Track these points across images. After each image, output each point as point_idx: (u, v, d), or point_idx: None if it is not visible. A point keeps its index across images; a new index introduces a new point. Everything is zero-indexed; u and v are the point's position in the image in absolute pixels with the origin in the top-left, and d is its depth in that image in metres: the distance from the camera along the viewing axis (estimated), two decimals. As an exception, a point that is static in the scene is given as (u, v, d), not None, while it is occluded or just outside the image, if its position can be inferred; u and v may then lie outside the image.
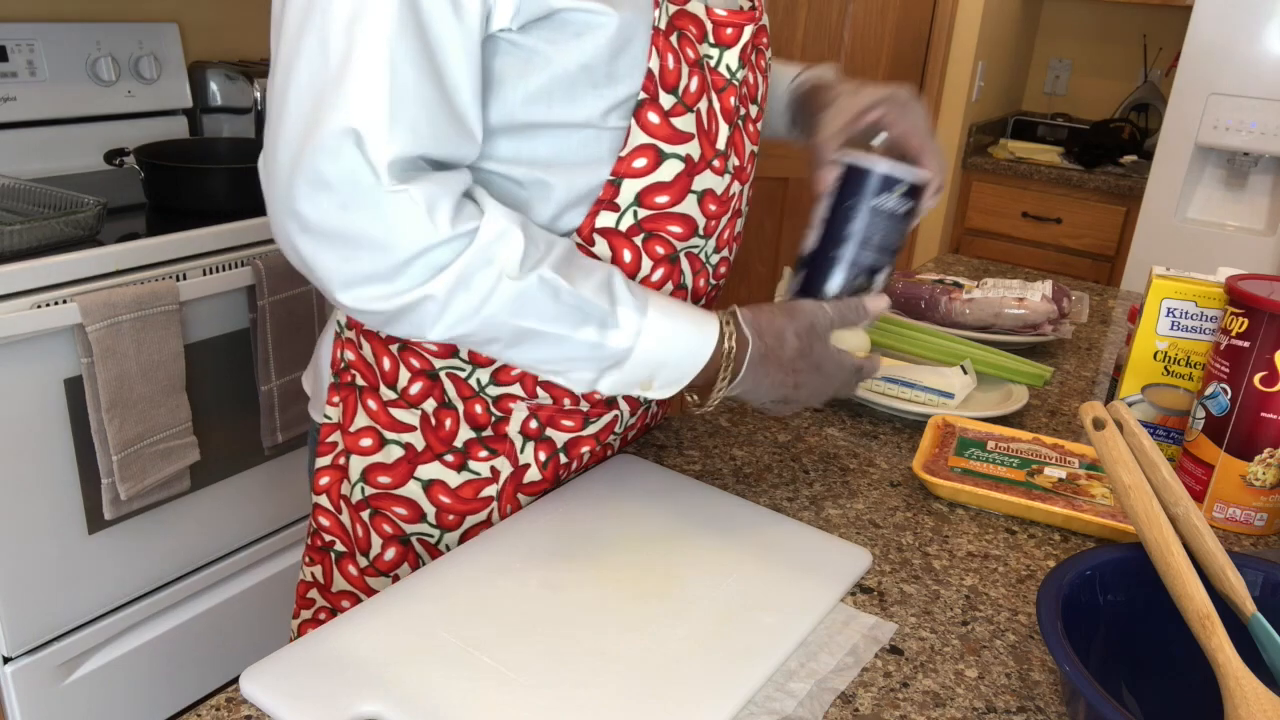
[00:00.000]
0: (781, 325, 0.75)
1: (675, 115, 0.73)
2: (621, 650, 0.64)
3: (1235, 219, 2.42)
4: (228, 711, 0.59)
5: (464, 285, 0.65)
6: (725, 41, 0.77)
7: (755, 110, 0.84)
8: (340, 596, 0.88)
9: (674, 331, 0.71)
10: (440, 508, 0.82)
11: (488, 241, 0.65)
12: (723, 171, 0.79)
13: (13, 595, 1.42)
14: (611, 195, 0.74)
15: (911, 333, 1.19)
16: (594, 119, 0.71)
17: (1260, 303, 0.81)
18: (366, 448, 0.83)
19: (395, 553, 0.84)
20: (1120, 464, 0.66)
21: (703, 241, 0.81)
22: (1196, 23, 2.27)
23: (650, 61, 0.70)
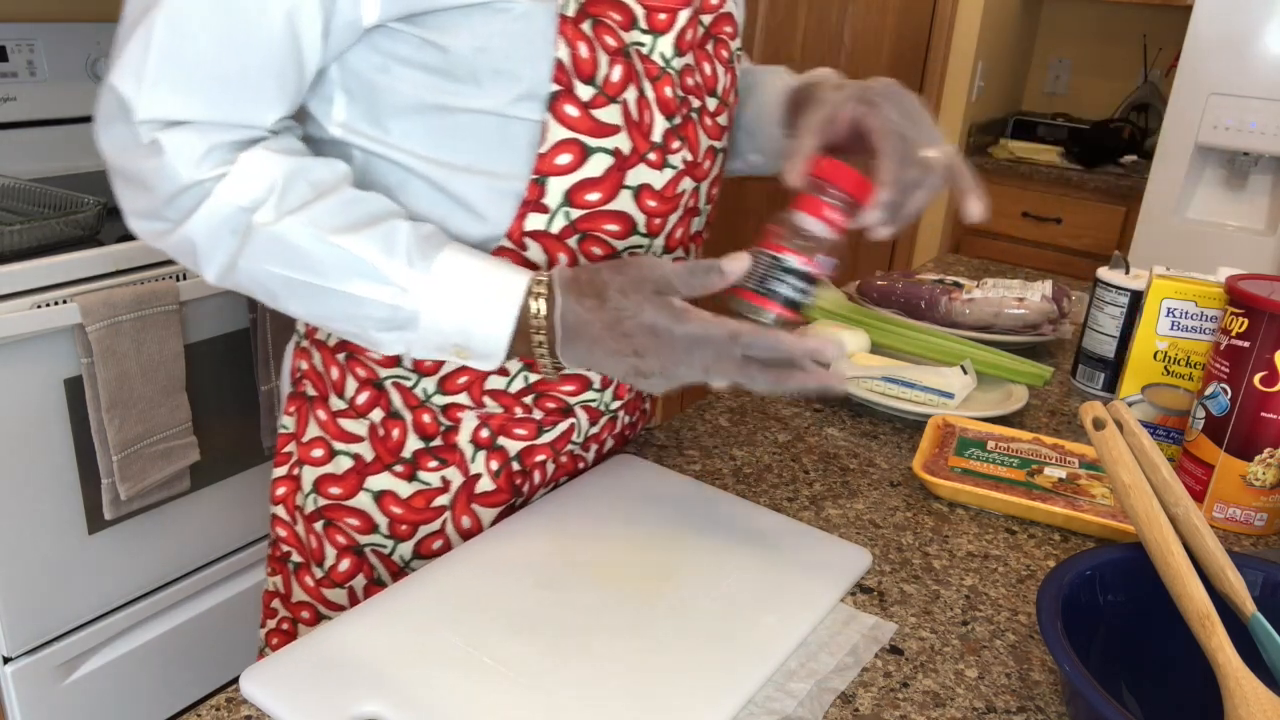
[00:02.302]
0: (604, 282, 0.66)
1: (597, 107, 0.70)
2: (621, 650, 0.64)
3: (1235, 219, 2.42)
4: (228, 711, 0.59)
5: (219, 228, 0.66)
6: (658, 28, 0.73)
7: (715, 103, 0.80)
8: (299, 607, 0.87)
9: (465, 291, 0.67)
10: (392, 518, 0.81)
11: (235, 185, 0.65)
12: (661, 165, 0.75)
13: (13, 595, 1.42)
14: (537, 195, 0.71)
15: (911, 333, 1.19)
16: (500, 107, 0.68)
17: (1260, 303, 0.81)
18: (318, 458, 0.82)
19: (350, 564, 0.83)
20: (1120, 464, 0.66)
21: (647, 240, 0.77)
22: (1196, 23, 2.27)
23: (558, 51, 0.67)
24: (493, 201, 0.71)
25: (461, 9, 0.65)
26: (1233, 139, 2.30)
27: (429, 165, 0.71)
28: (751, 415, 1.05)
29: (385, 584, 0.83)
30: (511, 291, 0.67)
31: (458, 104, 0.68)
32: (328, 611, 0.85)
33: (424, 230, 0.68)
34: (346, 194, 0.68)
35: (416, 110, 0.69)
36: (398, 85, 0.69)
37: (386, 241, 0.66)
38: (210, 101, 0.65)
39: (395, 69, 0.68)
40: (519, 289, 0.67)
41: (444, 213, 0.72)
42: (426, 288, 0.67)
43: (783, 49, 2.74)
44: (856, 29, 2.72)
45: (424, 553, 0.82)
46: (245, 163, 0.66)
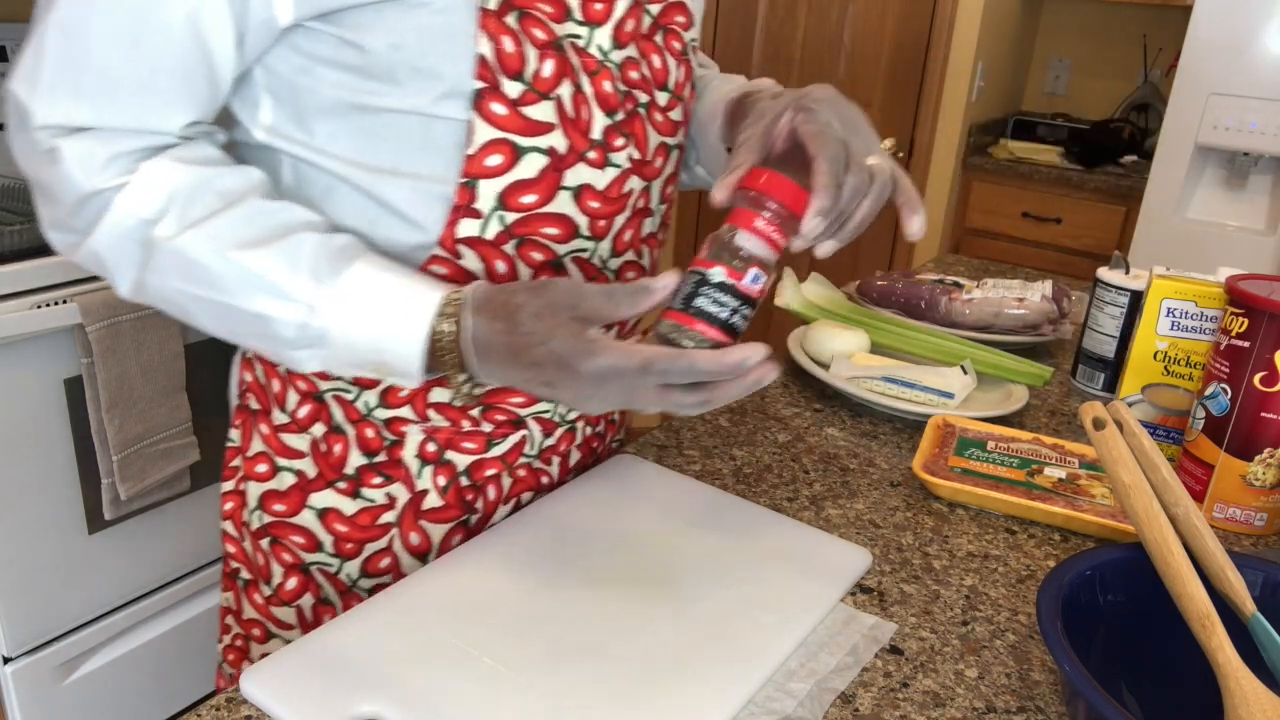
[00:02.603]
0: (518, 304, 0.61)
1: (527, 104, 0.67)
2: (621, 650, 0.64)
3: (1235, 219, 2.42)
4: (228, 711, 0.59)
5: (123, 241, 0.64)
6: (594, 19, 0.70)
7: (666, 98, 0.77)
8: (250, 624, 0.85)
9: (373, 308, 0.63)
10: (337, 536, 0.79)
11: (135, 196, 0.63)
12: (603, 164, 0.72)
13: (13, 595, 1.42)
14: (468, 200, 0.68)
15: (911, 333, 1.19)
16: (422, 106, 0.65)
17: (1260, 303, 0.81)
18: (262, 474, 0.80)
19: (296, 582, 0.81)
20: (1120, 464, 0.66)
21: (591, 244, 0.74)
22: (1196, 23, 2.27)
23: (479, 46, 0.64)
24: (422, 206, 0.69)
25: (375, 5, 0.63)
26: (1233, 139, 2.30)
27: (354, 169, 0.69)
28: (751, 415, 1.05)
29: (333, 604, 0.81)
30: (421, 310, 0.63)
31: (379, 104, 0.66)
32: (277, 630, 0.84)
33: (336, 243, 0.65)
34: (254, 205, 0.65)
35: (339, 111, 0.67)
36: (319, 87, 0.67)
37: (292, 256, 0.63)
38: (106, 106, 0.62)
39: (316, 70, 0.66)
40: (428, 308, 0.63)
41: (374, 220, 0.70)
42: (333, 305, 0.63)
43: (783, 49, 2.74)
44: (856, 29, 2.72)
45: (371, 571, 0.80)
46: (146, 172, 0.64)
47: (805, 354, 1.15)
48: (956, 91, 2.81)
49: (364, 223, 0.70)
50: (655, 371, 0.58)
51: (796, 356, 1.13)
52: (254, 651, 0.86)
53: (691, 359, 0.58)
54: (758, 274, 0.63)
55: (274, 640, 0.84)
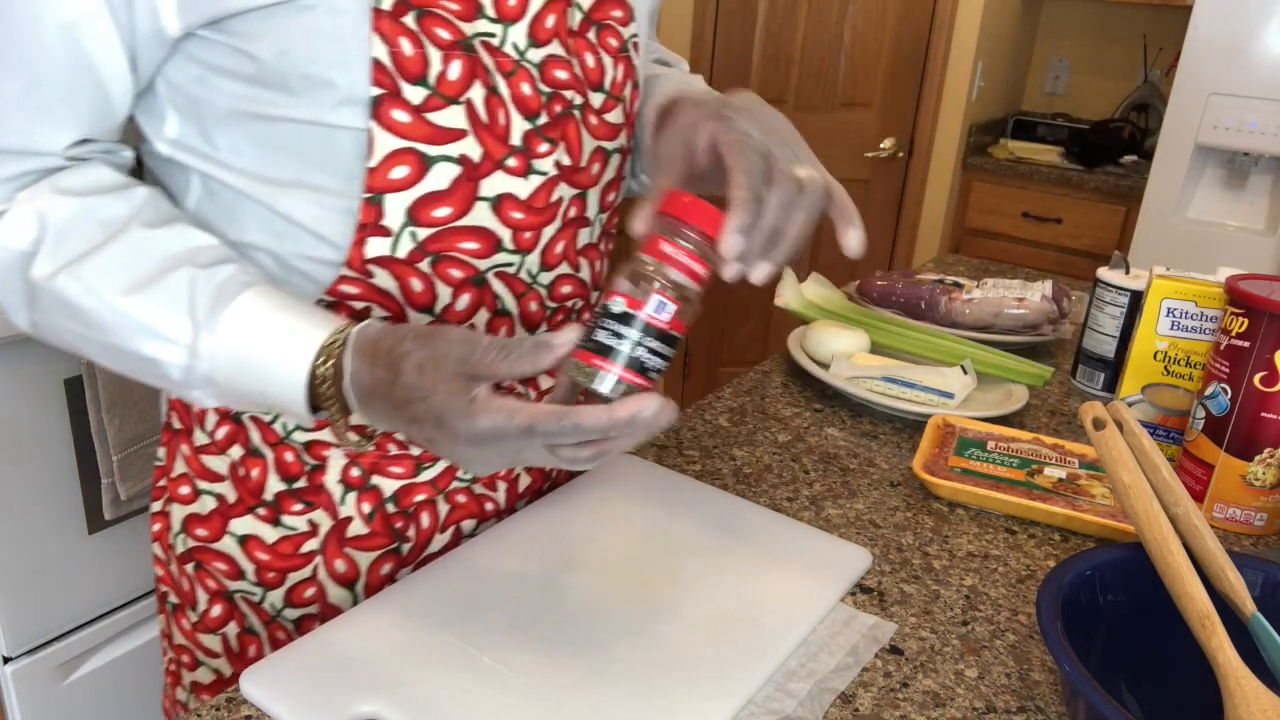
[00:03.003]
0: (403, 353, 0.55)
1: (433, 110, 0.62)
2: (621, 650, 0.64)
3: (1235, 219, 2.42)
4: (228, 711, 0.59)
5: (6, 275, 0.61)
6: (508, 15, 0.65)
7: (602, 98, 0.72)
8: (181, 650, 0.82)
9: (249, 351, 0.59)
10: (259, 564, 0.75)
11: (9, 228, 0.60)
12: (524, 172, 0.67)
13: (13, 595, 1.42)
14: (375, 217, 0.64)
15: (911, 333, 1.19)
16: (319, 115, 0.62)
17: (1260, 303, 0.81)
18: (184, 496, 0.77)
19: (221, 610, 0.78)
20: (1120, 464, 0.66)
21: (517, 258, 0.70)
22: (1196, 23, 2.27)
23: (374, 49, 0.60)
24: (328, 222, 0.65)
25: (262, 10, 0.59)
26: (1233, 139, 2.30)
27: (258, 184, 0.65)
28: (751, 415, 1.05)
29: (258, 635, 0.78)
30: (301, 351, 0.59)
31: (276, 114, 0.62)
32: (204, 658, 0.81)
33: (218, 278, 0.61)
34: (135, 237, 0.61)
35: (239, 123, 0.64)
36: (217, 98, 0.63)
37: (171, 297, 0.60)
38: None
39: (213, 80, 0.63)
40: (308, 349, 0.58)
41: (281, 235, 0.66)
42: (213, 348, 0.59)
43: (783, 49, 2.74)
44: (856, 29, 2.72)
45: (296, 601, 0.76)
46: (22, 204, 0.60)
47: (805, 354, 1.15)
48: (956, 91, 2.81)
49: (271, 238, 0.67)
50: (539, 434, 0.52)
51: (796, 356, 1.13)
52: (185, 679, 0.83)
53: (577, 420, 0.52)
54: (663, 303, 0.55)
55: (201, 668, 0.81)
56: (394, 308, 0.68)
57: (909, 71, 2.79)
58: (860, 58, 2.75)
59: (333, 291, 0.67)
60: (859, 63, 2.75)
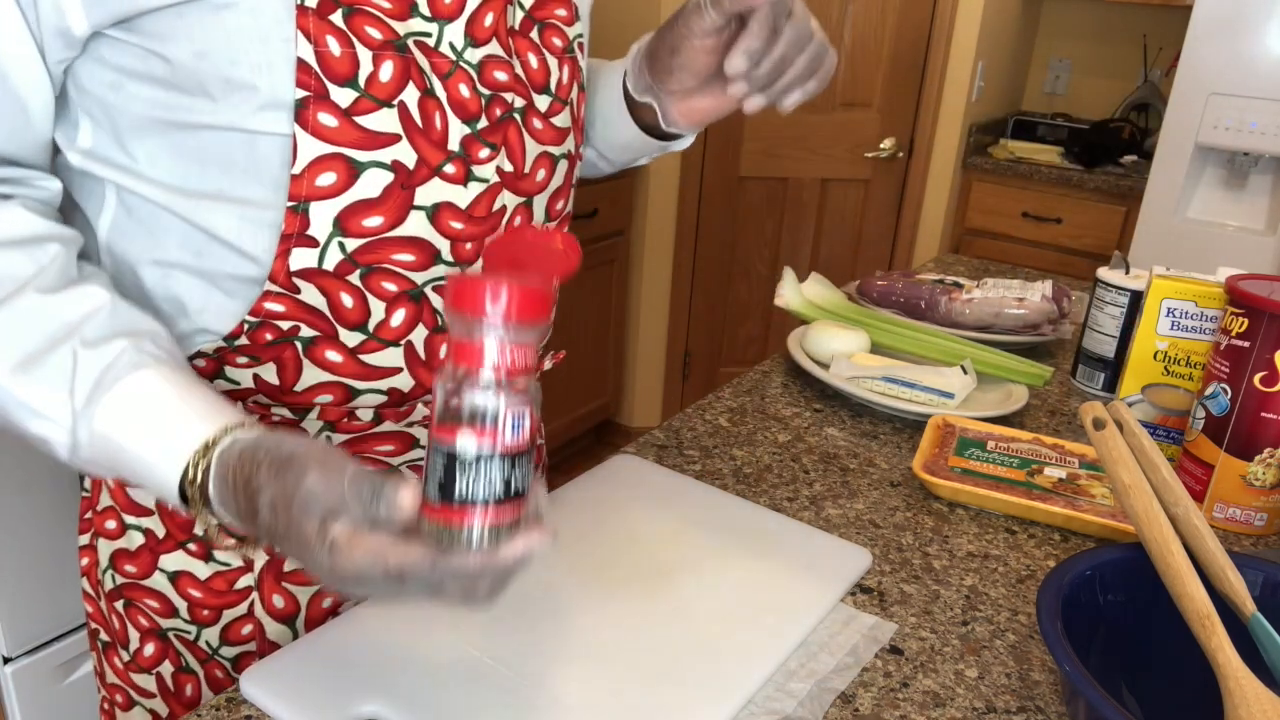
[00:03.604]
0: (256, 488, 0.51)
1: (363, 113, 0.59)
2: (621, 650, 0.64)
3: (1235, 219, 2.41)
4: (228, 711, 0.59)
5: None
6: (443, 14, 0.62)
7: (548, 101, 0.69)
8: (114, 689, 0.79)
9: (122, 448, 0.55)
10: (191, 602, 0.72)
11: None
12: (464, 179, 0.64)
13: (13, 595, 1.42)
14: (300, 227, 0.60)
15: (911, 333, 1.19)
16: (240, 121, 0.58)
17: (1260, 303, 0.81)
18: (111, 531, 0.73)
19: (154, 648, 0.74)
20: (1120, 464, 0.66)
21: (456, 270, 0.66)
22: (1196, 23, 2.27)
23: (298, 49, 0.57)
24: (250, 235, 0.61)
25: (174, 8, 0.55)
26: (1233, 139, 2.30)
27: (177, 196, 0.61)
28: (751, 415, 1.05)
29: (195, 673, 0.75)
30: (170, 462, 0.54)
31: (194, 120, 0.58)
32: (138, 698, 0.77)
33: (106, 358, 0.56)
34: (27, 305, 0.56)
35: (156, 131, 0.60)
36: (131, 104, 0.59)
37: (54, 378, 0.56)
38: None
39: (127, 85, 0.59)
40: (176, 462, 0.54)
41: (201, 251, 0.62)
42: (91, 434, 0.56)
43: (783, 49, 2.74)
44: (857, 29, 2.72)
45: (233, 639, 0.73)
46: None
47: (805, 354, 1.15)
48: (956, 91, 2.81)
49: (192, 255, 0.63)
50: (414, 580, 0.47)
51: (796, 356, 1.13)
52: (119, 718, 0.80)
53: (450, 567, 0.46)
54: (518, 418, 0.47)
55: (136, 709, 0.78)
56: (324, 326, 0.64)
57: (909, 71, 2.79)
58: (860, 58, 2.75)
59: (256, 310, 0.63)
60: (859, 63, 2.75)
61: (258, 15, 0.56)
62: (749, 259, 2.97)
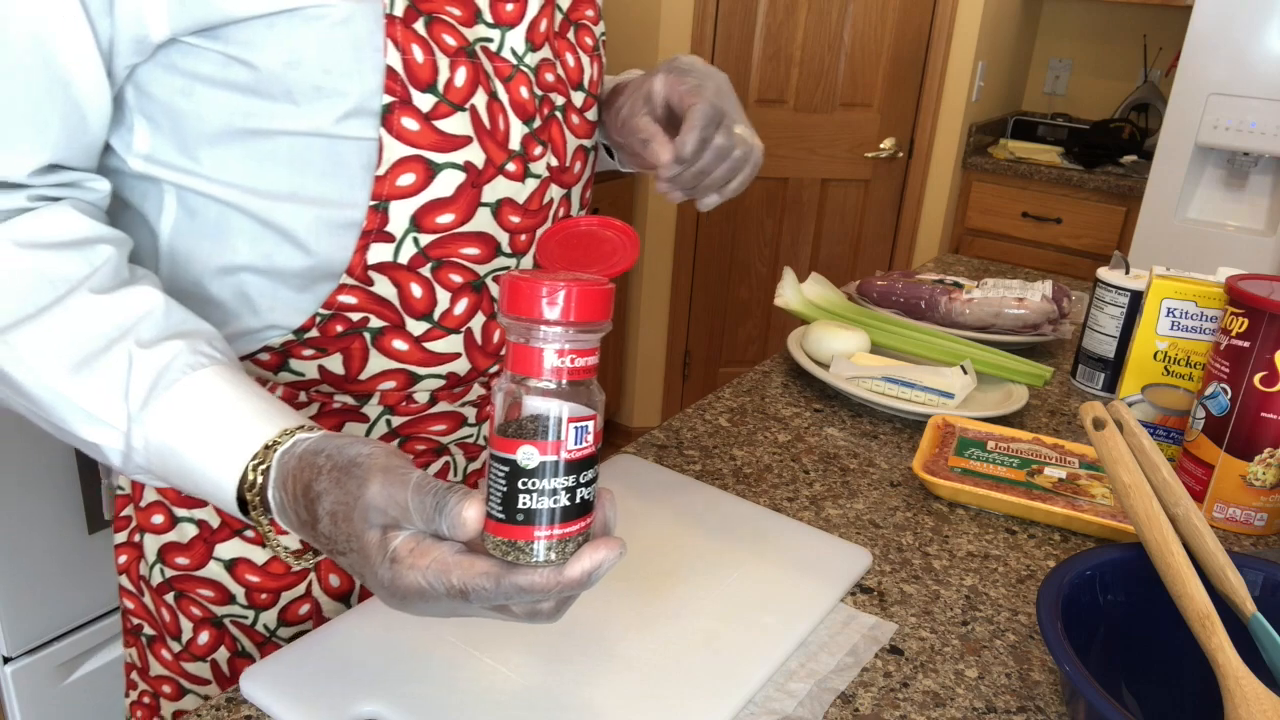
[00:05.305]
0: (316, 495, 0.49)
1: (441, 117, 0.62)
2: (621, 650, 0.64)
3: (1235, 219, 2.42)
4: (228, 711, 0.59)
5: None
6: (506, 20, 0.65)
7: (582, 98, 0.73)
8: (159, 681, 0.79)
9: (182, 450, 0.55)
10: (249, 587, 0.73)
11: None
12: (522, 176, 0.67)
13: (13, 595, 1.42)
14: (380, 224, 0.62)
15: (911, 333, 1.19)
16: (325, 127, 0.59)
17: (1260, 303, 0.81)
18: (158, 525, 0.73)
19: (209, 636, 0.75)
20: (1120, 464, 0.66)
21: (513, 261, 0.70)
22: (1196, 23, 2.27)
23: (387, 57, 0.59)
24: (327, 233, 0.62)
25: (265, 19, 0.56)
26: (1233, 139, 2.30)
27: (249, 197, 0.62)
28: (751, 415, 1.05)
29: (252, 656, 0.76)
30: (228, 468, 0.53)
31: (275, 127, 0.59)
32: (191, 686, 0.78)
33: (161, 359, 0.55)
34: (80, 306, 0.56)
35: (229, 137, 0.60)
36: (204, 110, 0.59)
37: (107, 381, 0.55)
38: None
39: (199, 91, 0.59)
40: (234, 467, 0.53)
41: (271, 251, 0.63)
42: (146, 437, 0.55)
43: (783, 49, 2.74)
44: (857, 29, 2.72)
45: (290, 619, 0.75)
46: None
47: (805, 354, 1.15)
48: (956, 91, 2.81)
49: (260, 254, 0.64)
50: (477, 598, 0.46)
51: (796, 356, 1.13)
52: (165, 709, 0.80)
53: (516, 585, 0.45)
54: (585, 427, 0.45)
55: (188, 696, 0.78)
56: (392, 316, 0.67)
57: (909, 71, 2.79)
58: (860, 58, 2.75)
59: (330, 303, 0.65)
60: (859, 63, 2.75)
61: (350, 25, 0.58)
62: (749, 259, 2.97)
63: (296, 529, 0.52)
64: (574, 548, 0.45)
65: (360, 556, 0.48)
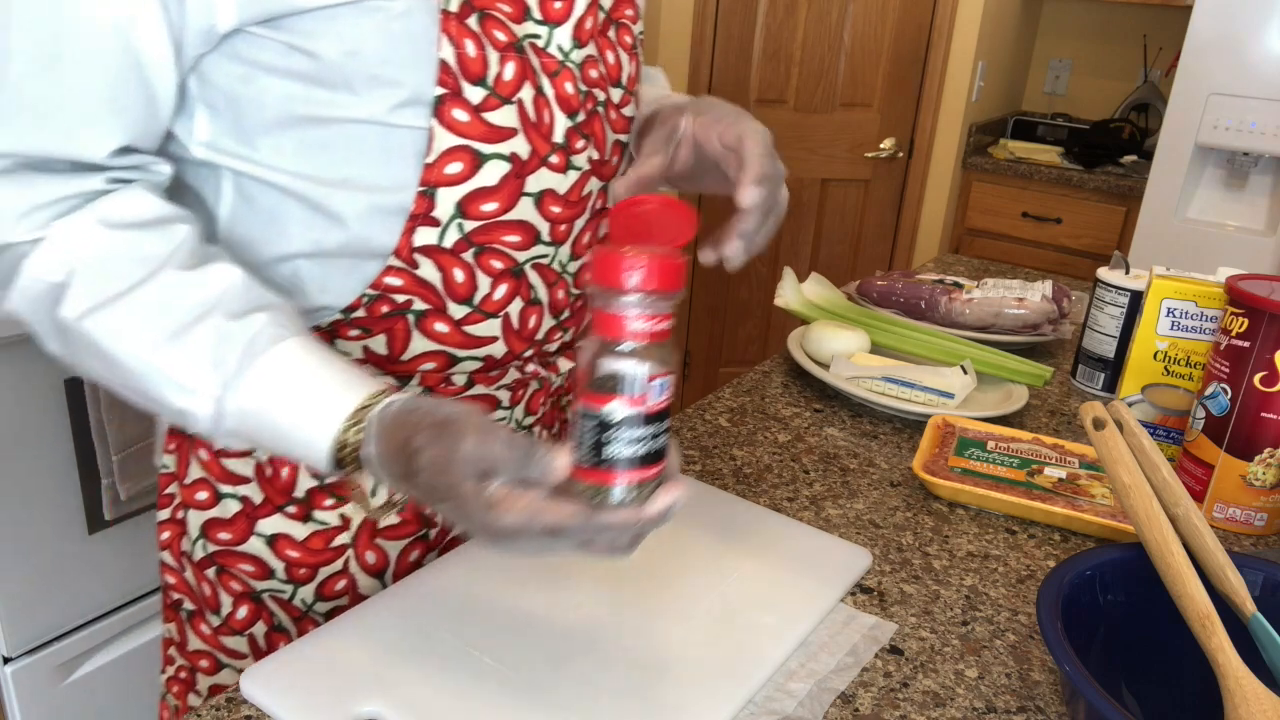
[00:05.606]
0: (415, 449, 0.54)
1: (489, 109, 0.64)
2: (621, 650, 0.64)
3: (1235, 219, 2.41)
4: (228, 711, 0.59)
5: (39, 303, 0.59)
6: (554, 18, 0.68)
7: (620, 94, 0.75)
8: (197, 655, 0.81)
9: (273, 414, 0.58)
10: (289, 562, 0.75)
11: (47, 260, 0.58)
12: (564, 168, 0.70)
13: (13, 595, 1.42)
14: (426, 209, 0.65)
15: (911, 333, 1.19)
16: (379, 115, 0.62)
17: (1260, 303, 0.81)
18: (202, 501, 0.76)
19: (247, 611, 0.77)
20: (1120, 464, 0.66)
21: (552, 249, 0.72)
22: (1196, 23, 2.27)
23: (441, 51, 0.62)
24: (377, 217, 0.65)
25: (328, 10, 0.59)
26: (1233, 139, 2.30)
27: (304, 183, 0.65)
28: (751, 415, 1.05)
29: (288, 631, 0.78)
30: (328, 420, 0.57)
31: (332, 114, 0.62)
32: (228, 660, 0.80)
33: (250, 330, 0.59)
34: (168, 282, 0.59)
35: (287, 124, 0.63)
36: (264, 97, 0.62)
37: (199, 351, 0.58)
38: (27, 131, 0.57)
39: (260, 79, 0.61)
40: (336, 420, 0.57)
41: (323, 235, 0.66)
42: (238, 403, 0.58)
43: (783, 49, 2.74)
44: (857, 29, 2.72)
45: (327, 595, 0.77)
46: (61, 232, 0.58)
47: (805, 354, 1.15)
48: (956, 91, 2.81)
49: (311, 238, 0.67)
50: (567, 536, 0.51)
51: (796, 356, 1.13)
52: (201, 683, 0.82)
53: (605, 523, 0.51)
54: (663, 384, 0.52)
55: (225, 670, 0.81)
56: (434, 300, 0.69)
57: (909, 71, 2.79)
58: (860, 58, 2.75)
59: (377, 284, 0.68)
60: (859, 63, 2.75)
61: (409, 19, 0.60)
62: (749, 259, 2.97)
63: (392, 481, 0.56)
64: (650, 491, 0.52)
65: (458, 504, 0.52)
